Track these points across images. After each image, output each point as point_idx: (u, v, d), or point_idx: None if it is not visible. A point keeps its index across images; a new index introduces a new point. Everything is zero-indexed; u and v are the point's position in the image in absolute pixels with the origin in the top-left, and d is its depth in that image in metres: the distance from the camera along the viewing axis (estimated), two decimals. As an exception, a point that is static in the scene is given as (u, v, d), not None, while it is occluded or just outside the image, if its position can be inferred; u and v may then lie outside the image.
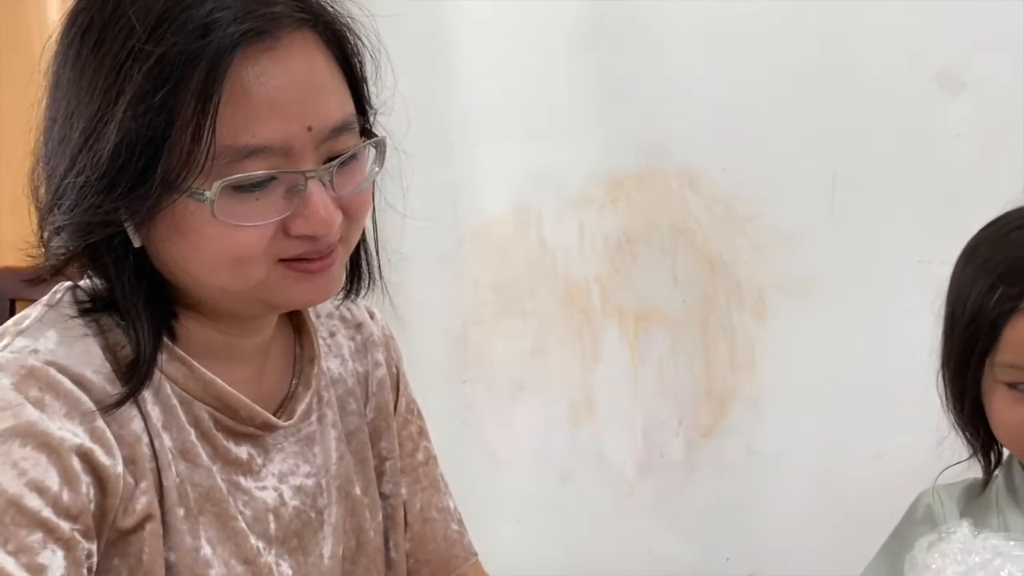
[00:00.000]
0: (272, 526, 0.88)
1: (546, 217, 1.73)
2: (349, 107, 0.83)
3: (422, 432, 1.06)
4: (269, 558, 0.87)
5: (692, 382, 1.64)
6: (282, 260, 0.81)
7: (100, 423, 0.79)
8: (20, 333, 0.81)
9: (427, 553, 1.03)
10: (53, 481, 0.75)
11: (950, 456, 1.12)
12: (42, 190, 0.82)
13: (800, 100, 1.52)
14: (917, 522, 1.12)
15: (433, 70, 1.76)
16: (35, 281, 0.85)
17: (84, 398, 0.78)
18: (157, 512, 0.81)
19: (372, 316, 1.04)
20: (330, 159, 0.80)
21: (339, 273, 0.85)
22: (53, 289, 0.86)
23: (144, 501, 0.80)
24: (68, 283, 0.85)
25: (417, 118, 1.81)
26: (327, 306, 1.01)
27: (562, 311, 1.73)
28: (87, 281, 0.85)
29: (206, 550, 0.83)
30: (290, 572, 0.88)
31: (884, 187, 1.48)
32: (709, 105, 1.58)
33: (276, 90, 0.77)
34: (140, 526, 0.80)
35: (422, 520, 1.03)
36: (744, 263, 1.58)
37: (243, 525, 0.86)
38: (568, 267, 1.72)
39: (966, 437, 1.10)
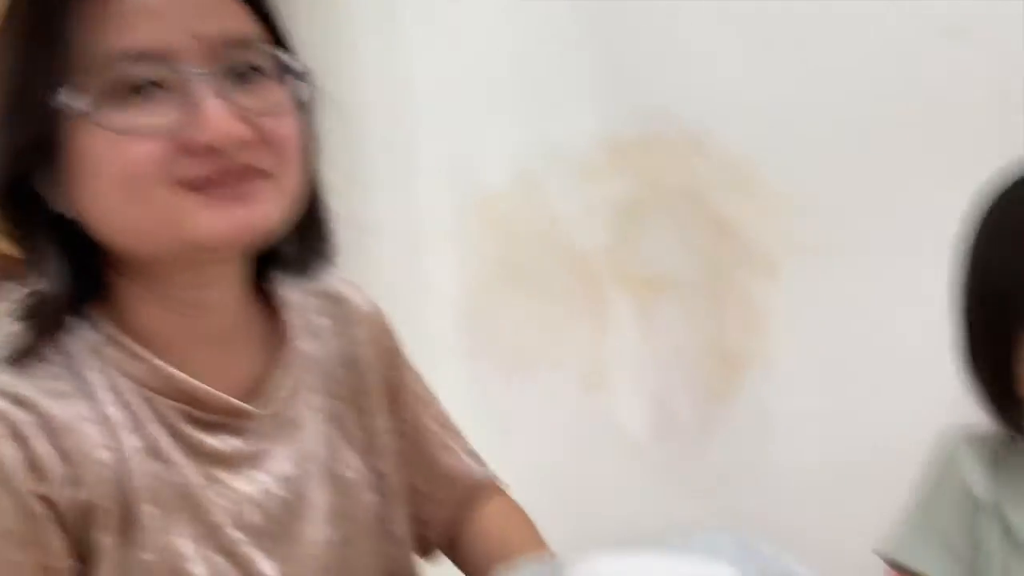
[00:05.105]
0: (252, 517, 0.85)
1: (550, 188, 1.70)
2: (250, 28, 0.79)
3: (418, 398, 1.03)
4: (249, 548, 0.84)
5: (705, 347, 1.63)
6: (186, 186, 0.76)
7: (41, 450, 0.76)
8: None
9: (448, 510, 1.04)
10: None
11: (967, 418, 1.11)
12: None
13: (806, 55, 1.49)
14: (946, 475, 1.11)
15: (432, 40, 1.72)
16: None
17: (24, 423, 0.76)
18: (110, 522, 0.79)
19: (355, 291, 1.00)
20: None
21: (264, 208, 0.79)
22: (10, 298, 0.83)
23: (92, 517, 0.78)
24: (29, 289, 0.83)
25: (420, 91, 1.79)
26: (305, 283, 0.96)
27: (569, 282, 1.71)
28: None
29: (184, 547, 0.81)
30: (272, 562, 0.85)
31: (898, 144, 1.45)
32: (714, 64, 1.55)
33: None
34: (91, 544, 0.78)
35: (441, 481, 1.03)
36: (754, 226, 1.56)
37: (220, 518, 0.83)
38: (573, 237, 1.69)
39: (989, 401, 1.09)
